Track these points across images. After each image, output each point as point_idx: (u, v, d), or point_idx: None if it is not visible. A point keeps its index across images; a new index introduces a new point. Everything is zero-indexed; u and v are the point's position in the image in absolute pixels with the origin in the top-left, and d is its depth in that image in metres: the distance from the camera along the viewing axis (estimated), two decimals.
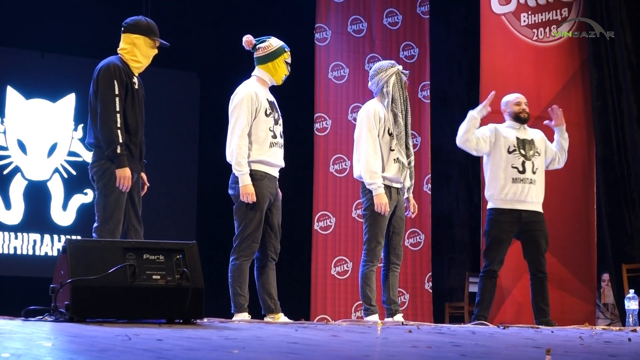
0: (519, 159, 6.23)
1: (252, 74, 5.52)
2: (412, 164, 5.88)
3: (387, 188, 5.75)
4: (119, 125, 4.94)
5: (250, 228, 5.29)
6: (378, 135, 5.73)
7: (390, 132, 5.77)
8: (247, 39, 5.49)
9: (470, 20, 9.54)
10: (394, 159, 5.77)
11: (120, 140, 4.93)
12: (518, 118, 6.32)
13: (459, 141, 6.30)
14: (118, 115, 4.95)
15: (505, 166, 6.23)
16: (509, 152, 6.24)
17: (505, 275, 6.37)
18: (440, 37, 9.71)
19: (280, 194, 5.52)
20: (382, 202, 5.66)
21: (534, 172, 6.24)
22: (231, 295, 5.33)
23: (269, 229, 5.40)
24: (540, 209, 6.31)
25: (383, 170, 5.74)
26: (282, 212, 5.53)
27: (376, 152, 5.71)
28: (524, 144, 6.26)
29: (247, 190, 5.25)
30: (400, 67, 5.89)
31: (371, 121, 5.73)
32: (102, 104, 4.97)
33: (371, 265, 5.75)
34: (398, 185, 5.81)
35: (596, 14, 7.99)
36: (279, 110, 5.54)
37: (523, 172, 6.22)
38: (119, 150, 4.92)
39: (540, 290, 6.23)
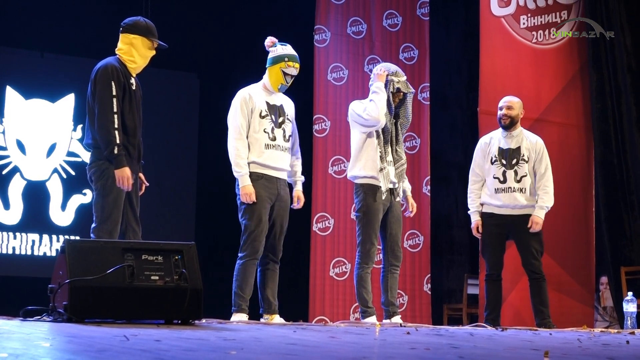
0: (499, 169, 6.32)
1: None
2: (401, 169, 5.86)
3: (379, 189, 5.76)
4: (116, 125, 4.93)
5: (250, 227, 5.32)
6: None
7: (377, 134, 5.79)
8: (267, 41, 5.55)
9: (470, 22, 9.55)
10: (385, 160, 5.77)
11: (118, 141, 4.93)
12: (500, 123, 6.37)
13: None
14: (115, 115, 4.94)
15: (489, 176, 6.35)
16: (492, 163, 6.35)
17: (503, 278, 6.38)
18: (440, 39, 9.72)
19: (286, 195, 5.51)
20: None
21: (517, 181, 6.26)
22: (233, 295, 5.35)
23: (271, 230, 5.41)
24: (531, 211, 6.28)
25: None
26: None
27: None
28: (505, 154, 6.31)
29: (245, 191, 5.29)
30: (397, 79, 5.85)
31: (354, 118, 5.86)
32: (99, 105, 4.97)
33: (366, 267, 5.75)
34: (390, 186, 5.81)
35: (596, 16, 7.99)
36: (285, 113, 5.54)
37: (504, 181, 6.29)
38: (116, 151, 4.92)
39: (537, 292, 6.24)
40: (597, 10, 8.03)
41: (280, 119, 5.48)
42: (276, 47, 5.51)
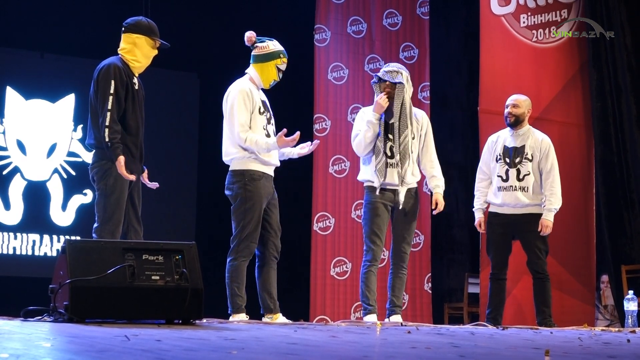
0: (503, 168, 6.32)
1: (245, 72, 5.51)
2: (404, 170, 5.83)
3: (381, 191, 5.76)
4: (107, 123, 4.92)
5: (249, 228, 5.29)
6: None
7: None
8: (249, 35, 5.47)
9: (470, 21, 9.54)
10: (384, 163, 5.77)
11: (107, 139, 4.91)
12: (506, 122, 6.37)
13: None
14: (108, 113, 4.92)
15: (493, 175, 6.37)
16: (496, 161, 6.37)
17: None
18: (440, 38, 9.71)
19: (275, 191, 5.51)
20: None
21: (520, 179, 6.25)
22: (228, 296, 5.32)
23: (268, 228, 5.40)
24: (534, 210, 6.29)
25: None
26: (281, 213, 5.53)
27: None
28: (509, 152, 6.32)
29: (283, 142, 5.26)
30: (382, 70, 5.85)
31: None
32: (101, 105, 4.97)
33: (369, 265, 5.77)
34: (392, 188, 5.80)
35: (596, 15, 7.99)
36: (271, 110, 5.54)
37: (506, 180, 6.29)
38: (110, 148, 4.92)
39: (540, 291, 6.25)
40: (597, 9, 8.03)
41: (268, 115, 5.48)
42: (265, 43, 5.44)
